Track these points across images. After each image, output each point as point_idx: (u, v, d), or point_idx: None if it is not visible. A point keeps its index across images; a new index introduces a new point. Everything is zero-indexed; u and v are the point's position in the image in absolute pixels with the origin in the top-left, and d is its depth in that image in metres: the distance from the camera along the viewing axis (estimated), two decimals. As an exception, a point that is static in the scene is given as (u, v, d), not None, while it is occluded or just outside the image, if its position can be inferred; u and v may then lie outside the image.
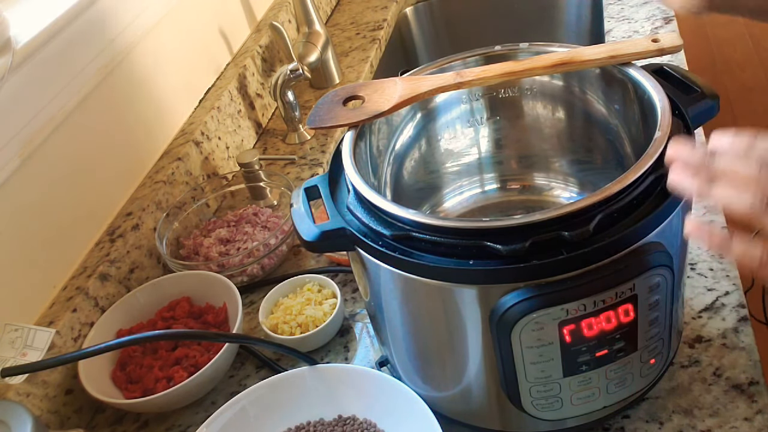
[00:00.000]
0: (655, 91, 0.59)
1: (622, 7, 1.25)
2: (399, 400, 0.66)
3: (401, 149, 0.74)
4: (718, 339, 0.69)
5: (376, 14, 1.51)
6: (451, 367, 0.61)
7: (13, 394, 0.72)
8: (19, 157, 0.80)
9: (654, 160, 0.52)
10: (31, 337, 0.69)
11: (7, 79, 0.77)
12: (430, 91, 0.67)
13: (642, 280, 0.52)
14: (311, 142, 1.18)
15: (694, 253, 0.77)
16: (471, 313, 0.54)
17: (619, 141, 0.69)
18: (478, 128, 0.77)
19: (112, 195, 0.95)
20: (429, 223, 0.52)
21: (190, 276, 0.87)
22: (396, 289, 0.58)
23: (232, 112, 1.15)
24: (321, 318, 0.80)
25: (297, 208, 0.62)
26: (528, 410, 0.59)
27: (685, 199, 0.54)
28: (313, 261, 0.94)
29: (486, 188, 0.81)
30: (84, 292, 0.82)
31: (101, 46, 0.94)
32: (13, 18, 0.80)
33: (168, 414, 0.79)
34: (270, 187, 1.03)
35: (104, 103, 0.94)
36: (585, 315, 0.52)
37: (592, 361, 0.55)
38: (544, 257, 0.50)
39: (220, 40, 1.22)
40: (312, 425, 0.70)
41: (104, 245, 0.89)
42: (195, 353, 0.78)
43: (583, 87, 0.70)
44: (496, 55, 0.70)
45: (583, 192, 0.77)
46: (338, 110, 0.67)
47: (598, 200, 0.50)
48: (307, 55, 1.24)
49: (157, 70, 1.05)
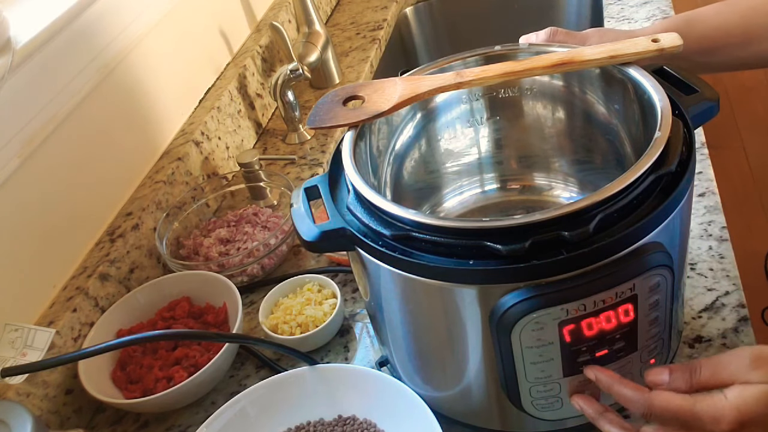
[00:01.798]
0: (655, 91, 0.59)
1: (622, 7, 1.25)
2: (399, 400, 0.66)
3: (401, 149, 0.74)
4: (718, 339, 0.69)
5: (376, 14, 1.51)
6: (451, 367, 0.61)
7: (13, 394, 0.72)
8: (19, 157, 0.80)
9: (654, 160, 0.52)
10: (31, 337, 0.69)
11: (7, 79, 0.77)
12: (430, 91, 0.67)
13: (642, 280, 0.52)
14: (311, 142, 1.18)
15: (694, 253, 0.77)
16: (471, 313, 0.54)
17: (619, 141, 0.69)
18: (478, 128, 0.77)
19: (112, 195, 0.95)
20: (429, 223, 0.52)
21: (190, 276, 0.87)
22: (396, 289, 0.58)
23: (232, 112, 1.15)
24: (321, 318, 0.80)
25: (297, 208, 0.62)
26: (528, 410, 0.59)
27: (685, 198, 0.54)
28: (313, 261, 0.94)
29: (486, 188, 0.81)
30: (84, 292, 0.82)
31: (101, 46, 0.94)
32: (13, 18, 0.81)
33: (168, 414, 0.79)
34: (270, 187, 1.03)
35: (104, 103, 0.94)
36: (585, 315, 0.52)
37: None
38: (544, 257, 0.50)
39: (220, 40, 1.22)
40: (312, 425, 0.70)
41: (104, 245, 0.89)
42: (195, 353, 0.78)
43: (583, 87, 0.70)
44: (496, 55, 0.70)
45: (583, 192, 0.77)
46: (338, 110, 0.67)
47: (598, 200, 0.50)
48: (307, 55, 1.24)
49: (157, 69, 1.05)
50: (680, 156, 0.54)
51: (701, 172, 0.86)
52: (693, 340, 0.69)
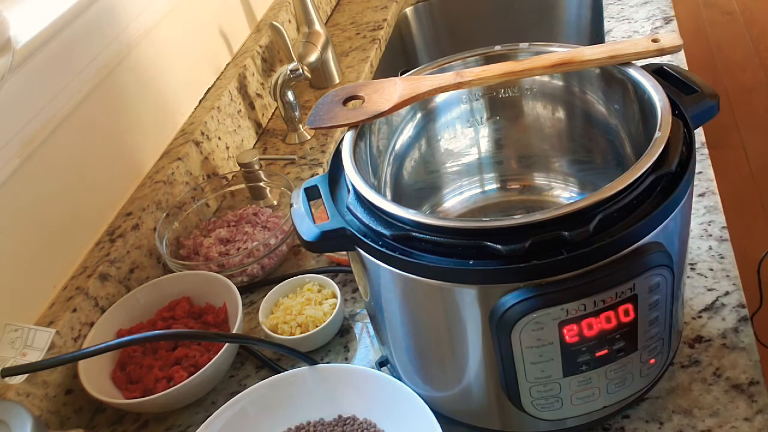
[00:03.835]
0: (655, 91, 0.59)
1: (622, 7, 1.25)
2: (399, 400, 0.66)
3: (401, 149, 0.74)
4: (718, 339, 0.69)
5: (376, 14, 1.51)
6: (451, 367, 0.61)
7: (13, 394, 0.72)
8: (19, 157, 0.80)
9: (654, 160, 0.52)
10: (31, 337, 0.69)
11: (7, 79, 0.77)
12: (430, 91, 0.67)
13: (642, 280, 0.52)
14: (311, 142, 1.18)
15: (694, 253, 0.77)
16: (471, 313, 0.54)
17: (619, 141, 0.69)
18: (478, 128, 0.77)
19: (112, 195, 0.95)
20: (429, 223, 0.53)
21: (190, 276, 0.87)
22: (396, 289, 0.58)
23: (232, 112, 1.15)
24: (321, 318, 0.80)
25: (297, 208, 0.62)
26: (528, 410, 0.59)
27: (685, 198, 0.54)
28: (313, 261, 0.94)
29: (486, 188, 0.81)
30: (84, 292, 0.82)
31: (101, 46, 0.94)
32: (13, 18, 0.81)
33: (168, 414, 0.79)
34: (270, 187, 1.03)
35: (104, 103, 0.94)
36: (585, 315, 0.52)
37: (592, 361, 0.55)
38: (544, 257, 0.50)
39: (220, 40, 1.22)
40: (312, 425, 0.70)
41: (104, 245, 0.89)
42: (195, 353, 0.79)
43: (583, 87, 0.70)
44: (496, 55, 0.70)
45: (583, 192, 0.77)
46: (338, 110, 0.67)
47: (598, 200, 0.50)
48: (307, 55, 1.24)
49: (157, 70, 1.05)
50: (680, 156, 0.54)
51: (701, 172, 0.86)
52: (693, 340, 0.69)
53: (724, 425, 0.62)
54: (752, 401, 0.63)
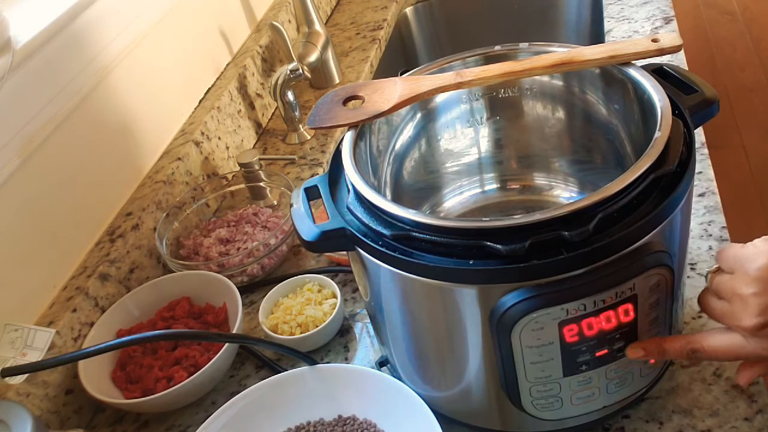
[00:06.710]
0: (655, 91, 0.59)
1: (622, 7, 1.25)
2: (399, 400, 0.66)
3: (401, 149, 0.74)
4: (718, 339, 0.68)
5: (376, 14, 1.51)
6: (451, 367, 0.61)
7: (13, 394, 0.72)
8: (19, 157, 0.80)
9: (654, 160, 0.52)
10: (31, 337, 0.69)
11: (7, 79, 0.77)
12: (430, 91, 0.67)
13: (642, 280, 0.52)
14: (311, 142, 1.18)
15: (694, 253, 0.77)
16: (471, 313, 0.54)
17: (619, 141, 0.69)
18: (478, 128, 0.77)
19: (112, 195, 0.95)
20: (429, 223, 0.53)
21: (190, 276, 0.87)
22: (396, 289, 0.58)
23: (232, 112, 1.15)
24: (321, 318, 0.80)
25: (297, 208, 0.62)
26: (528, 410, 0.59)
27: (685, 198, 0.54)
28: (313, 261, 0.94)
29: (486, 188, 0.81)
30: (84, 292, 0.82)
31: (101, 47, 0.94)
32: (13, 18, 0.81)
33: (168, 414, 0.79)
34: (270, 187, 1.03)
35: (104, 103, 0.94)
36: (585, 315, 0.52)
37: (592, 360, 0.55)
38: (544, 257, 0.50)
39: (220, 40, 1.22)
40: (312, 425, 0.70)
41: (104, 245, 0.89)
42: (195, 353, 0.78)
43: (583, 87, 0.70)
44: (496, 55, 0.70)
45: (583, 192, 0.77)
46: (338, 110, 0.67)
47: (598, 200, 0.50)
48: (307, 55, 1.24)
49: (156, 70, 1.05)
50: (680, 156, 0.54)
51: (701, 172, 0.86)
52: (693, 340, 0.69)
53: (724, 425, 0.62)
54: (752, 401, 0.63)
